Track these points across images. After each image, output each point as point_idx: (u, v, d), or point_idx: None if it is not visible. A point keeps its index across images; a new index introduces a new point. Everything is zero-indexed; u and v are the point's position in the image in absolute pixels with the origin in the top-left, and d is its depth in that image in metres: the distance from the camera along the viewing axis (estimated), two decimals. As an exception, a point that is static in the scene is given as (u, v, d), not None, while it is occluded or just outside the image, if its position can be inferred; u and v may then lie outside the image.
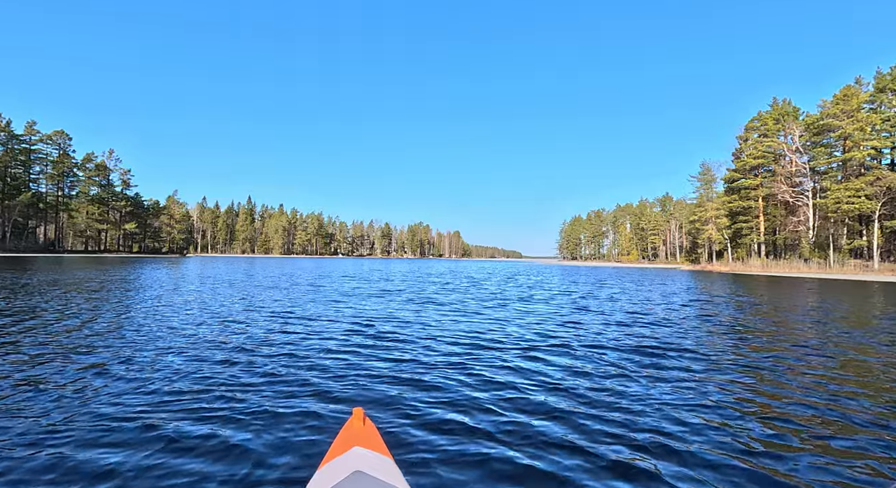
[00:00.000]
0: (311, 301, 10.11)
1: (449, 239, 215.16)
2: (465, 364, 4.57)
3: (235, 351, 4.90)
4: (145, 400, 3.25)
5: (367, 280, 18.27)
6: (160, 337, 5.60)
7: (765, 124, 46.21)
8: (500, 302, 11.00)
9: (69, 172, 69.24)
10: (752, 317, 8.70)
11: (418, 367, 4.37)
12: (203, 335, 5.79)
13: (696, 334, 6.65)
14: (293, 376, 3.94)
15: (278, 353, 4.82)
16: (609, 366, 4.56)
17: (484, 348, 5.39)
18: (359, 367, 4.31)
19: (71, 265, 27.00)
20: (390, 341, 5.69)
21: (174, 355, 4.64)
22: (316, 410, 3.06)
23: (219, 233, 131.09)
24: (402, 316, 8.08)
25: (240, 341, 5.45)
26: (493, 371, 4.30)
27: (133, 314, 7.48)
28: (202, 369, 4.11)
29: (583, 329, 6.94)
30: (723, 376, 4.24)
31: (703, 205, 51.48)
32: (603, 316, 8.58)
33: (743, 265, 43.34)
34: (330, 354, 4.86)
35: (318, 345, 5.33)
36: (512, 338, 6.12)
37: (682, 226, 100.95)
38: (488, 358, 4.88)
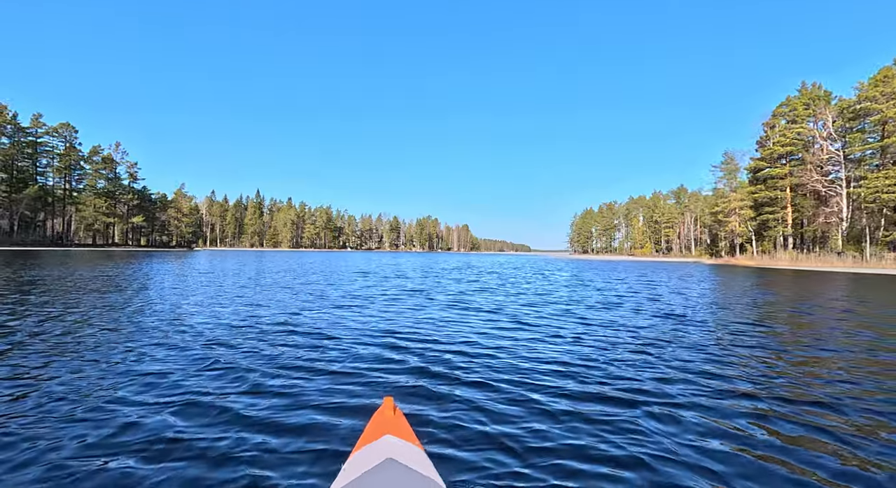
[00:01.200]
0: (331, 306, 7.98)
1: (457, 232, 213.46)
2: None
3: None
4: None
5: (383, 276, 16.50)
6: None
7: (794, 109, 43.58)
8: (565, 308, 8.34)
9: (76, 165, 68.71)
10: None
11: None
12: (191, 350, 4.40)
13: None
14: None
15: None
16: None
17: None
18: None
19: (76, 259, 25.89)
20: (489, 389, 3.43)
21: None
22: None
23: (227, 227, 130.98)
24: (456, 333, 5.68)
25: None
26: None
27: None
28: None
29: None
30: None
31: (727, 196, 49.00)
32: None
33: (770, 259, 41.08)
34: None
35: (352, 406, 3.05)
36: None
37: (698, 219, 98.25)
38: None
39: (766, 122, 47.51)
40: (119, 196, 73.39)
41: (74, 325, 5.44)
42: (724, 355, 4.64)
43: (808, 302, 10.24)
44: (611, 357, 4.49)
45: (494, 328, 6.14)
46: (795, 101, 44.05)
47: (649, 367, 4.09)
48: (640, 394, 3.34)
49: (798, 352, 4.88)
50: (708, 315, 7.71)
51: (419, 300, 9.24)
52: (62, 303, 7.26)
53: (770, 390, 3.51)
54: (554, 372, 3.93)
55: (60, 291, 8.96)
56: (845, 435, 2.67)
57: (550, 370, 3.97)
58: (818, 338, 5.70)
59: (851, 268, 32.77)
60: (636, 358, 4.46)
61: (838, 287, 15.51)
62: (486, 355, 4.51)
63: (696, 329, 6.19)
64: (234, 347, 4.55)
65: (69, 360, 3.90)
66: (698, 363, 4.29)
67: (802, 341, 5.51)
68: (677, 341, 5.34)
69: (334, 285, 12.33)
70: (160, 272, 15.83)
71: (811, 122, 43.48)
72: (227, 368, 3.79)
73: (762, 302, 10.05)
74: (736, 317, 7.54)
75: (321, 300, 8.83)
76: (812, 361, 4.47)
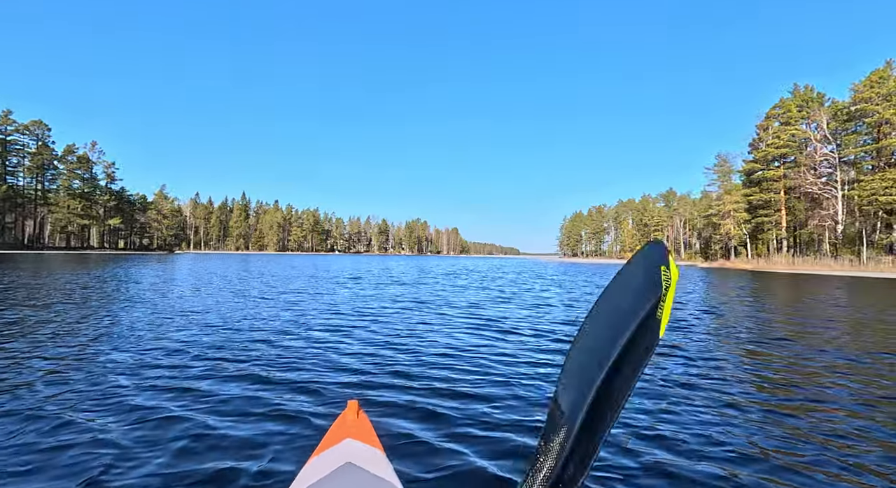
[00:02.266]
0: (321, 327, 5.96)
1: (447, 235, 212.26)
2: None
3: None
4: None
5: (378, 284, 14.24)
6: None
7: (787, 111, 43.13)
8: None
9: (49, 165, 65.75)
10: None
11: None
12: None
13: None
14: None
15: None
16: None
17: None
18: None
19: (33, 264, 23.73)
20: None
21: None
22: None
23: (212, 230, 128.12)
24: (513, 370, 3.91)
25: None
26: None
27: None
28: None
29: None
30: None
31: (721, 199, 48.31)
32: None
33: (765, 262, 40.37)
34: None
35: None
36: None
37: (688, 222, 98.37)
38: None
39: (760, 124, 47.04)
40: (95, 197, 70.41)
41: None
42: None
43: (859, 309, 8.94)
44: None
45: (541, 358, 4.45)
46: (789, 102, 43.63)
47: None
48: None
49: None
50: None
51: (427, 314, 7.61)
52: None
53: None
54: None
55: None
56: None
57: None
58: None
59: (849, 272, 32.12)
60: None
61: (857, 292, 14.36)
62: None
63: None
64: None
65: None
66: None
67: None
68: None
69: (322, 295, 10.45)
70: (117, 280, 14.04)
71: (804, 124, 43.08)
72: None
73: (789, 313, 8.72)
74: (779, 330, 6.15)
75: (308, 318, 6.81)
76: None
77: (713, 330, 6.43)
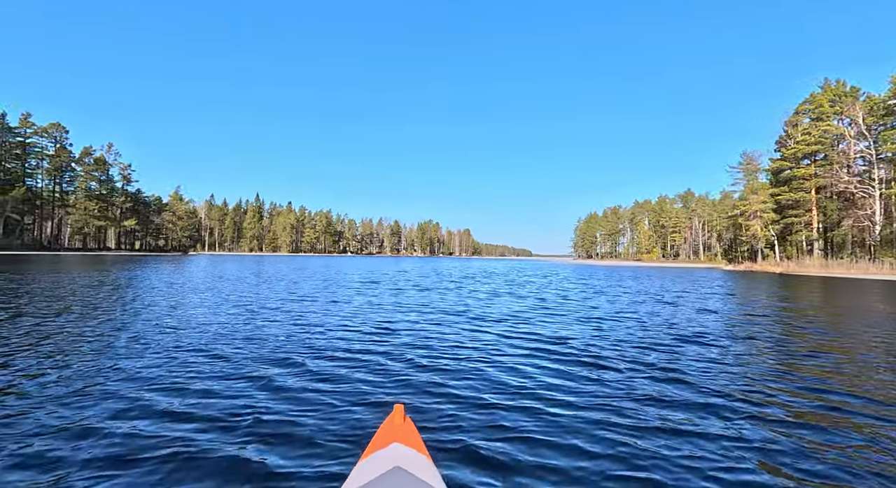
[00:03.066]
0: (338, 350, 4.81)
1: (459, 237, 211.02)
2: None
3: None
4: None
5: (397, 289, 12.94)
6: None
7: (819, 106, 41.11)
8: (682, 336, 5.87)
9: (66, 167, 66.45)
10: None
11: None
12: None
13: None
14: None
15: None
16: None
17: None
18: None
19: (49, 265, 23.35)
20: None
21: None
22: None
23: (226, 231, 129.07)
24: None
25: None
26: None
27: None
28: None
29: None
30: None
31: (747, 198, 46.32)
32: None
33: (796, 265, 38.43)
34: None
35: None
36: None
37: (707, 223, 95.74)
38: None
39: (788, 121, 45.03)
40: (111, 198, 71.01)
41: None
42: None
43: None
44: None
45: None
46: (820, 97, 41.61)
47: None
48: None
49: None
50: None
51: (464, 330, 6.27)
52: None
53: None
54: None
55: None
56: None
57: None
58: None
59: (891, 276, 30.20)
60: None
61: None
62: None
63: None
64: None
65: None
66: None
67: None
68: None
69: (339, 304, 8.96)
70: (134, 287, 13.33)
71: (837, 120, 41.03)
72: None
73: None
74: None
75: (319, 339, 5.42)
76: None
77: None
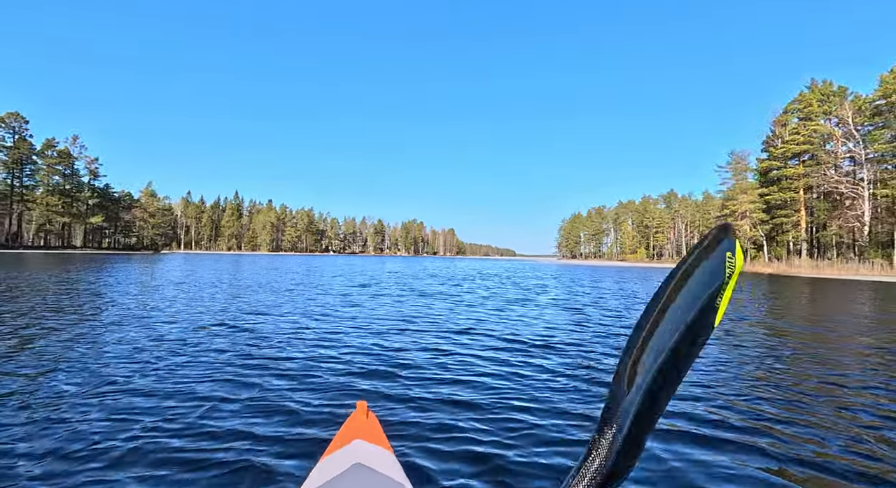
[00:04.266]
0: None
1: (444, 236, 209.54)
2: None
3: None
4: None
5: (395, 294, 10.97)
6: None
7: (808, 106, 41.03)
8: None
9: (26, 160, 62.23)
10: None
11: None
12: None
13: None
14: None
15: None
16: None
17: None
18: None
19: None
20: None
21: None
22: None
23: (203, 230, 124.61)
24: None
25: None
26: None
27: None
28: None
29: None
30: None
31: (736, 198, 46.09)
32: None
33: (786, 266, 38.20)
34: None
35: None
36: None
37: (690, 224, 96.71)
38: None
39: (777, 119, 44.93)
40: (75, 194, 66.90)
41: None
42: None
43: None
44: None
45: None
46: (809, 96, 41.55)
47: None
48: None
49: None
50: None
51: (491, 350, 4.58)
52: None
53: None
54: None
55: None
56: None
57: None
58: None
59: (880, 277, 30.02)
60: None
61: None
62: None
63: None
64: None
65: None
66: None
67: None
68: None
69: (326, 317, 6.77)
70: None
71: (824, 120, 41.02)
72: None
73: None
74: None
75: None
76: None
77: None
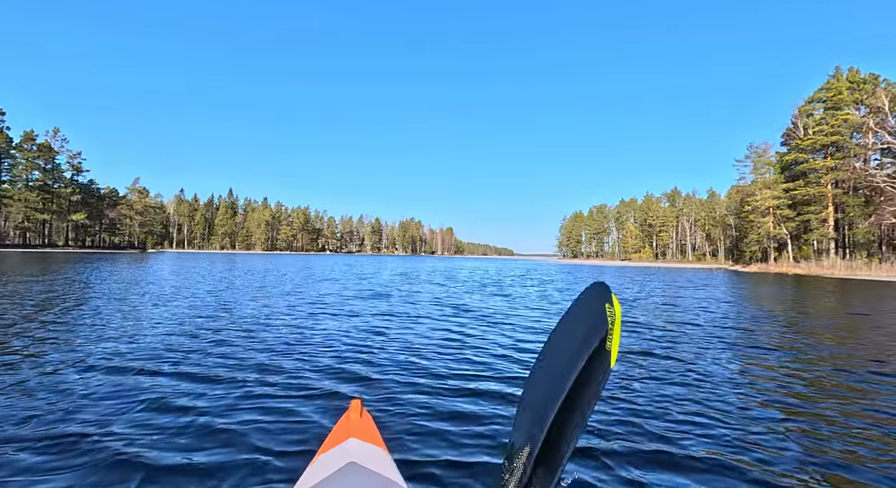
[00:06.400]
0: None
1: (441, 235, 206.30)
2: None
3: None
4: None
5: (419, 314, 8.34)
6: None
7: (837, 94, 38.10)
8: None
9: (3, 153, 58.89)
10: None
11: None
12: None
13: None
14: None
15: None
16: None
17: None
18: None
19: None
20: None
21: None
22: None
23: (196, 228, 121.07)
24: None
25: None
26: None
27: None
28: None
29: None
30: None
31: (758, 194, 43.13)
32: None
33: (816, 266, 35.25)
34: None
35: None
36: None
37: (696, 222, 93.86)
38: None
39: (800, 110, 41.99)
40: (56, 189, 63.53)
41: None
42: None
43: None
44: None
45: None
46: (838, 85, 38.60)
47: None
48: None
49: None
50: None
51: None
52: None
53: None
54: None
55: None
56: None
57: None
58: None
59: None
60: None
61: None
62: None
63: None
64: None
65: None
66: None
67: None
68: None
69: (331, 348, 4.52)
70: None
71: (854, 109, 38.09)
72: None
73: None
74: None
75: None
76: None
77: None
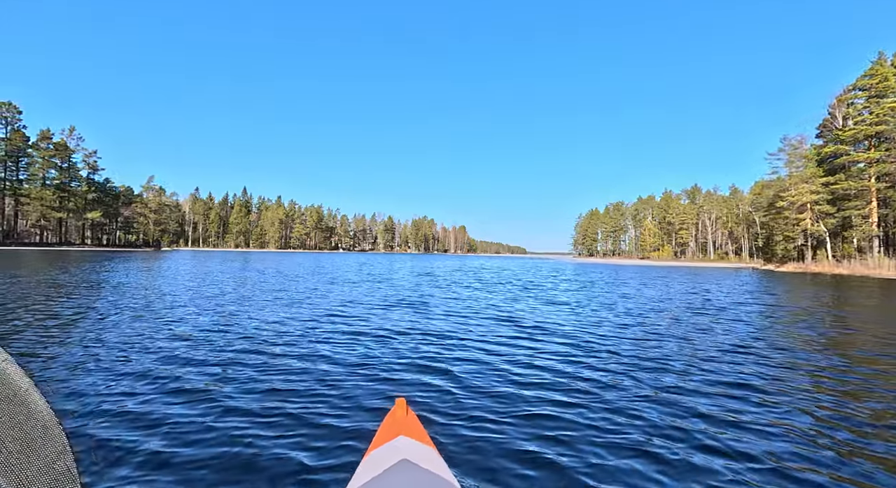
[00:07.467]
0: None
1: (454, 234, 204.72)
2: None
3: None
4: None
5: (470, 329, 7.33)
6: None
7: (883, 80, 35.42)
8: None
9: (21, 152, 59.26)
10: None
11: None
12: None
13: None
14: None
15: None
16: None
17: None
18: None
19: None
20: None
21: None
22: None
23: (211, 226, 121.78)
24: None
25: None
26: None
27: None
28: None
29: None
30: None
31: (793, 189, 40.54)
32: None
33: (860, 266, 32.76)
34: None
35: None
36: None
37: (717, 219, 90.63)
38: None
39: (840, 98, 39.31)
40: (71, 188, 63.81)
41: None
42: None
43: None
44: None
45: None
46: (884, 70, 35.90)
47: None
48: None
49: None
50: None
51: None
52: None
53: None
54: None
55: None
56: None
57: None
58: None
59: None
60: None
61: None
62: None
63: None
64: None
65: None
66: None
67: None
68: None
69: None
70: None
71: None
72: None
73: None
74: None
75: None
76: None
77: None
